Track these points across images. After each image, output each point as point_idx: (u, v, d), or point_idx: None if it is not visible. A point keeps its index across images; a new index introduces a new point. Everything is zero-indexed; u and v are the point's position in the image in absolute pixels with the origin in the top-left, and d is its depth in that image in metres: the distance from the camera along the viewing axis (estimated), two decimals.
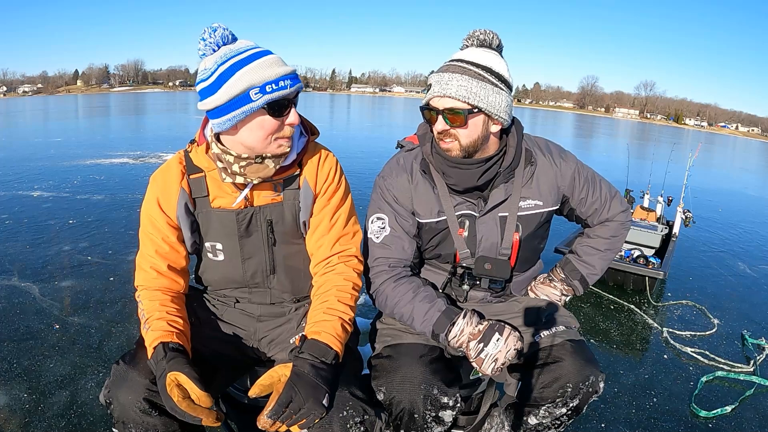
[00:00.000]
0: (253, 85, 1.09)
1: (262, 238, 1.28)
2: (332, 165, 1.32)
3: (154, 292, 1.22)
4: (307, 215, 1.30)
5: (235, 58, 1.10)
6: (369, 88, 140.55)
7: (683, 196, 5.52)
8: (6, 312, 3.34)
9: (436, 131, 1.28)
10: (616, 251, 1.53)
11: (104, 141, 14.48)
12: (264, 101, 1.10)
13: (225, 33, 1.13)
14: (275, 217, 1.28)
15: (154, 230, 1.24)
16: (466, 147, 1.27)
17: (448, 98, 1.22)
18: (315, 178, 1.29)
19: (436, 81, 1.25)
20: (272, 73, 1.10)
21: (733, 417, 2.60)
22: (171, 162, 1.27)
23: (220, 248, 1.29)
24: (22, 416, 2.26)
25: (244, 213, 1.25)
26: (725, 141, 58.94)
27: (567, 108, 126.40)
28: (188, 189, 1.24)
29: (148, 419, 1.08)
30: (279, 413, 0.98)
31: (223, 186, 1.24)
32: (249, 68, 1.09)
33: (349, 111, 42.77)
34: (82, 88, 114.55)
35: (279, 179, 1.26)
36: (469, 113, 1.22)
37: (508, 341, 1.18)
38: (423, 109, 1.31)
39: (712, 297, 4.48)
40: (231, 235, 1.27)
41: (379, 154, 10.22)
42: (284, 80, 1.11)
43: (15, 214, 5.94)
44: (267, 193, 1.27)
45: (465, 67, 1.24)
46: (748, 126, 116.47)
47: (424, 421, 1.22)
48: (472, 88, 1.21)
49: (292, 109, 1.16)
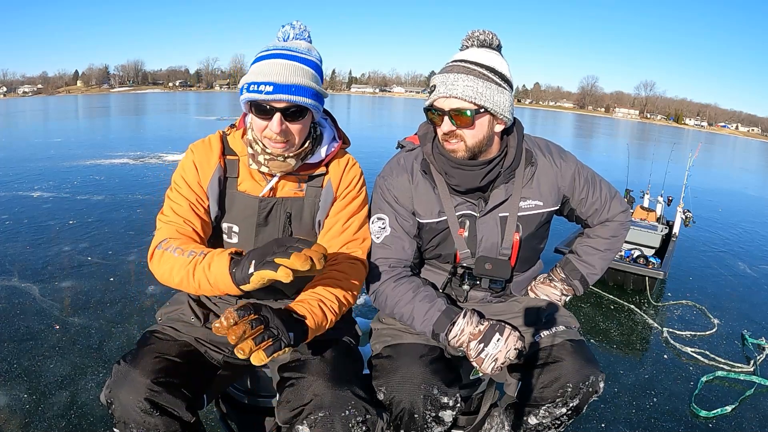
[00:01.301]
0: (247, 81, 1.16)
1: (278, 229, 1.30)
2: (357, 173, 1.37)
3: (186, 239, 1.17)
4: (324, 215, 1.33)
5: (267, 52, 1.18)
6: (369, 89, 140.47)
7: (683, 196, 5.53)
8: (6, 312, 3.34)
9: (441, 132, 1.27)
10: (616, 251, 1.53)
11: (104, 141, 14.48)
12: (243, 99, 1.18)
13: (297, 33, 1.23)
14: (294, 210, 1.31)
15: (188, 191, 1.25)
16: (471, 147, 1.27)
17: (455, 99, 1.22)
18: (339, 181, 1.33)
19: (441, 82, 1.24)
20: (258, 77, 1.15)
21: (733, 417, 2.60)
22: (212, 138, 1.32)
23: (236, 231, 1.31)
24: (23, 416, 2.27)
25: (267, 201, 1.28)
26: (725, 141, 58.95)
27: (567, 108, 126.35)
28: (224, 166, 1.29)
29: (150, 419, 1.08)
30: (247, 312, 0.93)
31: (252, 172, 1.29)
32: (259, 64, 1.17)
33: (349, 111, 42.76)
34: (82, 88, 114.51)
35: (305, 175, 1.30)
36: (476, 113, 1.23)
37: (509, 341, 1.18)
38: (427, 111, 1.30)
39: (712, 297, 4.49)
40: (250, 220, 1.29)
41: (379, 154, 10.19)
42: (264, 85, 1.14)
43: (15, 214, 5.94)
44: (291, 185, 1.31)
45: (469, 67, 1.24)
46: (748, 126, 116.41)
47: (424, 421, 1.22)
48: (477, 88, 1.22)
49: (275, 116, 1.15)
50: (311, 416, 1.10)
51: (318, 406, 1.10)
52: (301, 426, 1.11)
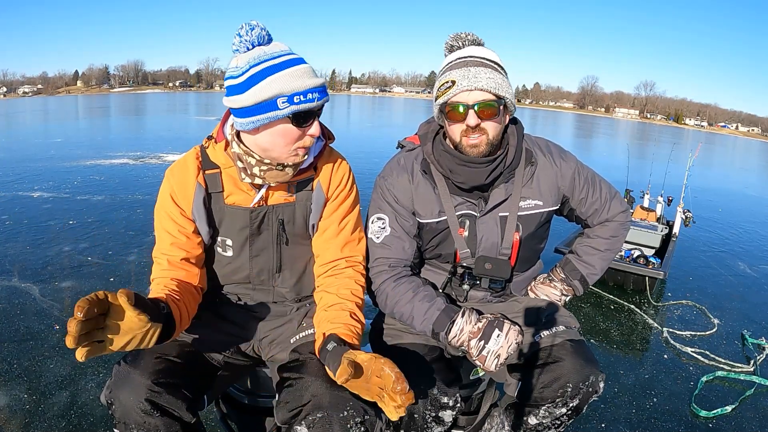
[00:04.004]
0: (282, 93, 1.09)
1: (272, 237, 1.30)
2: (345, 172, 1.35)
3: (168, 282, 1.20)
4: (317, 218, 1.32)
5: (269, 62, 1.10)
6: (369, 89, 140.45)
7: (683, 196, 5.52)
8: (6, 313, 3.34)
9: (466, 126, 1.24)
10: (616, 251, 1.53)
11: (104, 141, 14.50)
12: (290, 111, 1.10)
13: (262, 33, 1.13)
14: (287, 217, 1.29)
15: (169, 223, 1.24)
16: (492, 140, 1.26)
17: (479, 91, 1.21)
18: (328, 182, 1.31)
19: (462, 76, 1.22)
20: (302, 85, 1.10)
21: (733, 417, 2.60)
22: (187, 157, 1.28)
23: (229, 244, 1.30)
24: (23, 417, 2.27)
25: (258, 211, 1.27)
26: (725, 141, 58.95)
27: (567, 108, 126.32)
28: (204, 184, 1.26)
29: (150, 420, 1.08)
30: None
31: (238, 183, 1.26)
32: (280, 75, 1.09)
33: (349, 111, 42.77)
34: (82, 88, 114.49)
35: (294, 180, 1.28)
36: (500, 105, 1.23)
37: (509, 336, 1.18)
38: (446, 106, 1.26)
39: (712, 297, 4.49)
40: (242, 231, 1.28)
41: (379, 154, 10.22)
42: (312, 92, 1.11)
43: (15, 214, 5.94)
44: (280, 192, 1.29)
45: (484, 61, 1.24)
46: (748, 126, 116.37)
47: (424, 421, 1.22)
48: (497, 80, 1.23)
49: (315, 120, 1.16)
50: (309, 417, 1.10)
51: (316, 406, 1.10)
52: (300, 426, 1.11)
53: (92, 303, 0.84)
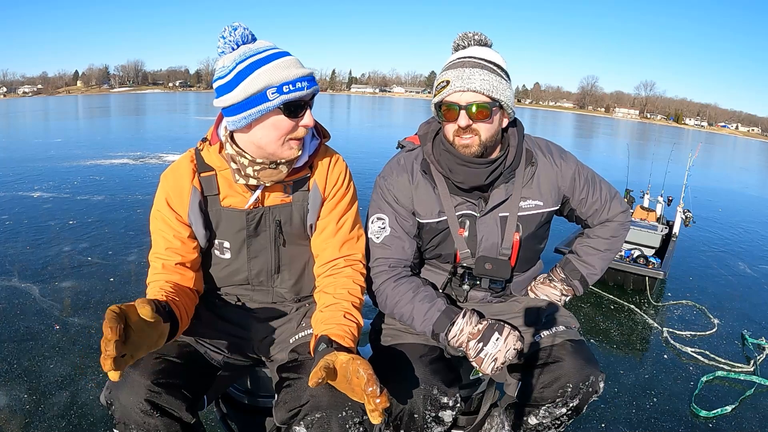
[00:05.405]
0: (271, 84, 1.10)
1: (270, 238, 1.29)
2: (342, 170, 1.34)
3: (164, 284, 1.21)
4: (314, 218, 1.31)
5: (254, 57, 1.11)
6: (369, 89, 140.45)
7: (683, 196, 5.53)
8: (6, 313, 3.34)
9: (455, 127, 1.26)
10: (616, 251, 1.53)
11: (104, 141, 14.49)
12: (280, 101, 1.11)
13: (245, 32, 1.14)
14: (284, 217, 1.29)
15: (165, 227, 1.24)
16: (485, 142, 1.26)
17: (472, 92, 1.22)
18: (325, 181, 1.30)
19: (456, 76, 1.23)
20: (290, 74, 1.11)
21: (733, 417, 2.60)
22: (182, 161, 1.28)
23: (227, 246, 1.30)
24: (23, 417, 2.27)
25: (254, 213, 1.26)
26: (725, 141, 58.95)
27: (567, 108, 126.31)
28: (200, 187, 1.25)
29: (150, 420, 1.08)
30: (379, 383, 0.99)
31: (234, 185, 1.25)
32: (267, 68, 1.10)
33: (349, 111, 42.78)
34: (82, 88, 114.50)
35: (289, 181, 1.27)
36: (493, 106, 1.23)
37: (508, 341, 1.18)
38: (440, 106, 1.28)
39: (712, 297, 4.49)
40: (240, 233, 1.28)
41: (379, 154, 10.23)
42: (301, 81, 1.12)
43: (15, 214, 5.94)
44: (277, 193, 1.28)
45: (481, 62, 1.24)
46: (748, 126, 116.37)
47: (424, 421, 1.22)
48: (492, 81, 1.22)
49: (307, 110, 1.17)
50: (308, 417, 1.10)
51: (315, 406, 1.10)
52: (299, 427, 1.11)
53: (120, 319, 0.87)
